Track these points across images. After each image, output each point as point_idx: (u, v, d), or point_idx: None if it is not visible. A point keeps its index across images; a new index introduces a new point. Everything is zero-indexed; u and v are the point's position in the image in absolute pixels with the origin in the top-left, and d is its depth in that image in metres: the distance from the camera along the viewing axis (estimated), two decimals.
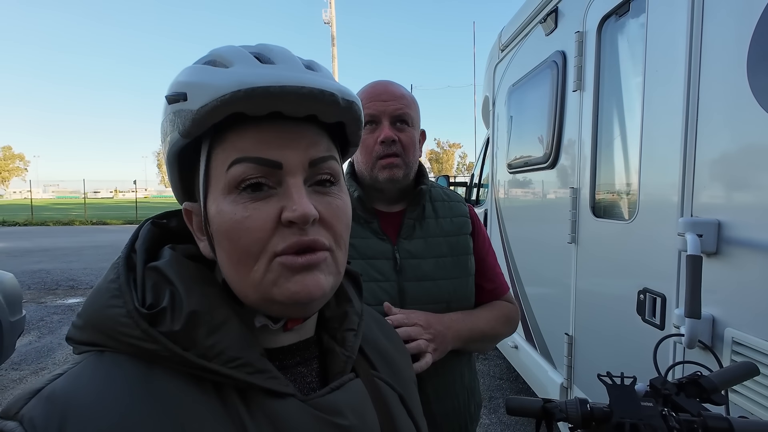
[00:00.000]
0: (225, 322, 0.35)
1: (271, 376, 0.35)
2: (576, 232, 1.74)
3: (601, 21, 1.57)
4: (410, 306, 0.82)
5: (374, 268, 0.82)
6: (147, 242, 0.39)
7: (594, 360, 1.66)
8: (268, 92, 0.32)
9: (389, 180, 0.83)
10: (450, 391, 0.84)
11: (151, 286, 0.35)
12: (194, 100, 0.32)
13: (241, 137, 0.34)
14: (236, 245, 0.34)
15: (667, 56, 1.20)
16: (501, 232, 2.79)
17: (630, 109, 1.47)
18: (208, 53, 0.37)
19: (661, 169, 1.24)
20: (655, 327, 1.22)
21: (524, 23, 2.32)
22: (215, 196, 0.35)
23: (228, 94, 0.31)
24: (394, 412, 0.42)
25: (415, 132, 0.87)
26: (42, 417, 0.28)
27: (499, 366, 3.42)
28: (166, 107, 0.36)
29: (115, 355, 0.33)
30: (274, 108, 0.33)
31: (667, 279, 1.18)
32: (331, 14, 18.33)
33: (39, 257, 8.41)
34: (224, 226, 0.34)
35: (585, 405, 0.65)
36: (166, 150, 0.37)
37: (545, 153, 2.04)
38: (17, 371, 3.20)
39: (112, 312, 0.33)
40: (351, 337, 0.43)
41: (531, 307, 2.31)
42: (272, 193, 0.35)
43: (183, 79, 0.34)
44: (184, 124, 0.33)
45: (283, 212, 0.34)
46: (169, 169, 0.39)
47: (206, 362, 0.33)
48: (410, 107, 0.86)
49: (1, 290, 2.60)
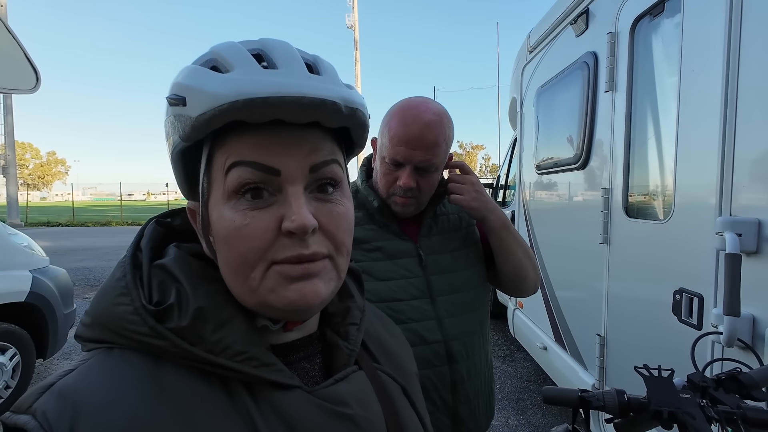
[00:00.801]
0: (231, 318, 0.35)
1: (276, 369, 0.35)
2: (608, 232, 1.73)
3: (635, 22, 1.57)
4: (438, 297, 0.88)
5: (401, 266, 0.88)
6: (152, 241, 0.39)
7: (627, 361, 1.65)
8: (266, 103, 0.31)
9: (401, 213, 0.90)
10: (478, 370, 0.91)
11: (158, 283, 0.35)
12: (193, 106, 0.32)
13: (240, 142, 0.33)
14: (234, 252, 0.34)
15: (704, 55, 1.20)
16: (529, 233, 2.78)
17: (664, 109, 1.46)
18: (209, 51, 0.36)
19: (697, 168, 1.23)
20: (692, 327, 1.22)
21: (553, 25, 2.32)
22: (216, 200, 0.35)
23: (226, 105, 0.30)
24: (397, 403, 0.43)
25: (436, 176, 0.88)
26: (54, 411, 0.29)
27: (527, 368, 3.38)
28: (168, 108, 0.35)
29: (124, 352, 0.33)
30: (274, 116, 0.32)
31: (705, 279, 1.17)
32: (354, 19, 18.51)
33: (81, 256, 8.91)
34: (223, 233, 0.34)
35: (622, 395, 0.67)
36: (170, 150, 0.37)
37: (575, 154, 2.03)
38: (68, 360, 3.43)
39: (120, 309, 0.33)
40: (354, 331, 0.43)
41: (561, 308, 2.30)
42: (272, 201, 0.34)
43: (182, 82, 0.33)
44: (184, 129, 0.33)
45: (282, 222, 0.33)
46: (174, 168, 0.38)
47: (213, 357, 0.33)
48: (440, 154, 0.85)
49: (57, 285, 2.81)
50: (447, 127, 0.86)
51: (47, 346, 2.74)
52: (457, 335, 0.87)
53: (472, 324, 0.90)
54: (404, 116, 0.84)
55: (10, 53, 2.34)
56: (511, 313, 3.33)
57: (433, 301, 0.87)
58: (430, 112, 0.84)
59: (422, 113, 0.84)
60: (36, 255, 2.79)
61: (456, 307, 0.88)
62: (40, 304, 2.65)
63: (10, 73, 2.33)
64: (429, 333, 0.84)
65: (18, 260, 2.61)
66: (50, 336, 2.73)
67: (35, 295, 2.61)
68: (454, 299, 0.89)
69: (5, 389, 2.50)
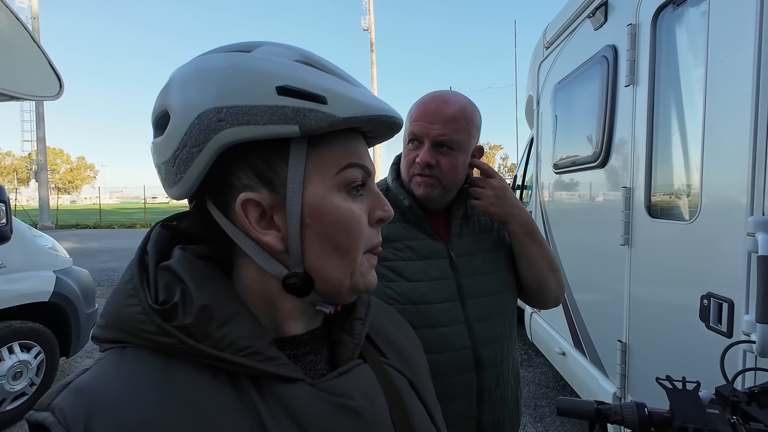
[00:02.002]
0: (235, 314, 0.37)
1: (280, 362, 0.36)
2: (630, 233, 1.66)
3: (656, 12, 1.49)
4: (468, 300, 0.84)
5: (433, 267, 0.84)
6: (157, 244, 0.41)
7: (651, 368, 1.57)
8: (394, 122, 0.40)
9: (423, 195, 0.85)
10: (505, 379, 0.87)
11: (164, 284, 0.37)
12: (338, 108, 0.36)
13: (349, 145, 0.39)
14: (350, 238, 0.39)
15: (734, 45, 1.12)
16: (546, 234, 2.70)
17: (690, 103, 1.38)
18: (295, 52, 0.38)
19: (726, 165, 1.16)
20: (721, 334, 1.14)
21: (570, 19, 2.24)
22: (323, 191, 0.38)
23: (376, 116, 0.38)
24: (404, 396, 0.44)
25: (458, 156, 0.83)
26: (71, 407, 0.31)
27: (545, 374, 3.29)
28: (269, 96, 0.34)
29: (137, 350, 0.35)
30: (374, 129, 0.41)
31: (735, 283, 1.10)
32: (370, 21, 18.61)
33: (107, 257, 9.23)
34: (345, 220, 0.39)
35: (643, 409, 0.62)
36: (243, 136, 0.34)
37: (594, 152, 1.95)
38: (90, 359, 3.53)
39: (129, 310, 0.35)
40: (358, 326, 0.45)
41: (580, 312, 2.21)
42: (362, 196, 0.41)
43: (314, 82, 0.36)
44: (317, 124, 0.35)
45: (373, 212, 0.41)
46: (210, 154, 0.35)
47: (219, 352, 0.34)
48: (459, 131, 0.81)
49: (79, 285, 2.90)
50: (469, 110, 0.84)
51: (70, 345, 2.83)
52: (486, 341, 0.84)
53: (502, 329, 0.87)
54: (424, 98, 0.86)
55: (34, 61, 2.43)
56: (528, 316, 3.25)
57: (464, 304, 0.84)
58: (450, 94, 0.86)
59: (441, 93, 0.86)
60: (60, 256, 2.88)
61: (487, 311, 0.85)
62: (64, 303, 2.74)
63: (34, 80, 2.42)
64: (458, 338, 0.81)
65: (42, 261, 2.70)
66: (73, 335, 2.82)
67: (59, 295, 2.70)
68: (485, 303, 0.85)
69: (30, 386, 2.59)
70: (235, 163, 0.37)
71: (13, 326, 2.49)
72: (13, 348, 2.50)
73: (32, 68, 2.42)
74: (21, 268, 2.53)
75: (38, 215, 16.06)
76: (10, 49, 2.27)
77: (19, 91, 2.32)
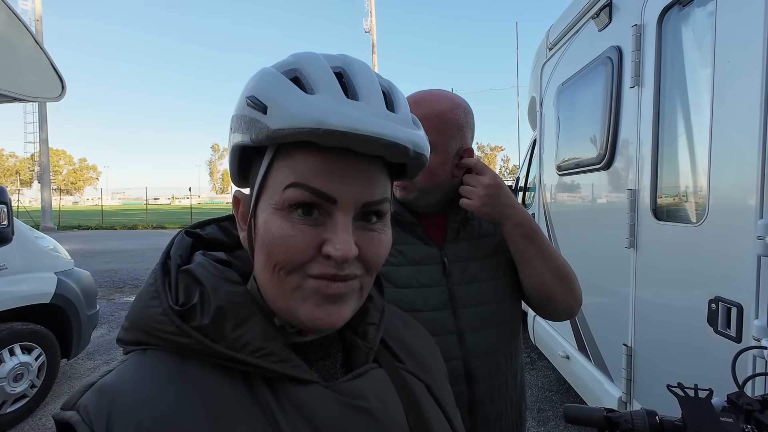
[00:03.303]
0: (250, 316, 0.37)
1: (294, 364, 0.37)
2: (635, 236, 1.64)
3: (662, 12, 1.48)
4: (461, 309, 0.81)
5: (423, 273, 0.81)
6: (180, 249, 0.42)
7: (657, 373, 1.55)
8: (344, 136, 0.32)
9: (401, 200, 0.83)
10: (503, 392, 0.83)
11: (184, 287, 0.38)
12: (273, 119, 0.33)
13: (305, 162, 0.35)
14: (275, 257, 0.36)
15: (742, 45, 1.11)
16: (550, 236, 2.68)
17: (696, 104, 1.37)
18: (293, 59, 0.37)
19: (734, 167, 1.14)
20: (730, 339, 1.12)
21: (574, 20, 2.23)
22: (266, 204, 0.37)
23: (306, 129, 0.32)
24: (420, 400, 0.43)
25: (433, 158, 0.78)
26: (94, 406, 0.32)
27: (548, 377, 3.26)
28: (244, 106, 0.35)
29: (157, 352, 0.36)
30: (346, 146, 0.34)
31: (744, 287, 1.08)
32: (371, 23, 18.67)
33: (108, 258, 9.23)
34: (269, 237, 0.36)
35: (653, 417, 0.60)
36: (233, 142, 0.39)
37: (599, 153, 1.94)
38: (91, 360, 3.52)
39: (151, 312, 0.36)
40: (372, 331, 0.44)
41: (584, 315, 2.19)
42: (321, 221, 0.36)
43: (266, 91, 0.34)
44: (258, 134, 0.34)
45: (325, 245, 0.35)
46: (231, 157, 0.41)
47: (234, 353, 0.35)
48: (429, 132, 0.74)
49: (80, 287, 2.89)
50: (446, 109, 0.78)
51: (71, 347, 2.82)
52: (479, 352, 0.80)
53: (498, 340, 0.82)
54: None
55: (36, 63, 2.43)
56: (531, 319, 3.23)
57: (455, 313, 0.80)
58: (428, 93, 0.79)
59: (417, 94, 0.80)
60: (61, 258, 2.88)
61: (481, 320, 0.81)
62: (65, 305, 2.73)
63: (36, 82, 2.43)
64: (447, 349, 0.77)
65: (44, 263, 2.70)
66: (74, 336, 2.81)
67: (60, 297, 2.69)
68: (480, 312, 0.81)
69: (31, 388, 2.58)
70: (249, 167, 0.41)
71: (14, 328, 2.48)
72: (14, 350, 2.49)
73: (34, 70, 2.42)
74: (22, 270, 2.52)
75: (41, 216, 16.11)
76: (12, 51, 2.27)
77: (21, 92, 2.32)
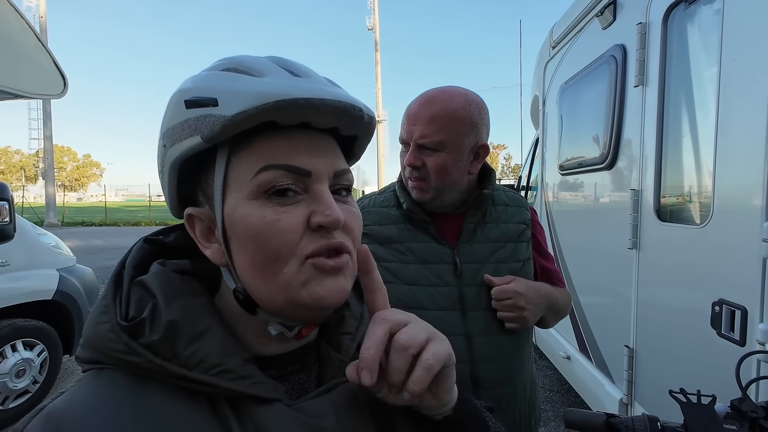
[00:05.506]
0: (207, 330, 0.35)
1: (254, 381, 0.34)
2: (638, 237, 1.62)
3: (668, 10, 1.46)
4: (471, 311, 0.80)
5: (433, 272, 0.80)
6: (137, 259, 0.39)
7: (659, 376, 1.53)
8: (309, 104, 0.32)
9: (418, 200, 0.84)
10: (512, 402, 0.81)
11: (136, 300, 0.35)
12: (228, 106, 0.32)
13: (269, 144, 0.34)
14: (265, 248, 0.33)
15: (749, 44, 1.09)
16: (551, 236, 2.67)
17: (701, 103, 1.35)
18: (225, 61, 0.37)
19: (740, 168, 1.13)
20: (734, 343, 1.11)
21: (578, 18, 2.21)
22: (237, 200, 0.35)
23: (271, 103, 0.31)
24: (395, 415, 0.40)
25: (446, 156, 0.79)
26: None
27: (549, 377, 3.25)
28: (182, 112, 0.34)
29: (112, 372, 0.33)
30: (306, 119, 0.34)
31: (749, 289, 1.07)
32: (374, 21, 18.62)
33: (111, 255, 9.26)
34: (253, 229, 0.34)
35: (655, 423, 0.60)
36: (175, 155, 0.36)
37: (602, 153, 1.92)
38: None
39: (101, 328, 0.34)
40: (347, 341, 0.42)
41: (585, 316, 2.18)
42: (299, 199, 0.35)
43: (210, 85, 0.34)
44: (212, 129, 0.33)
45: (312, 217, 0.34)
46: (169, 176, 0.37)
47: (187, 371, 0.32)
48: (442, 131, 0.77)
49: (82, 283, 2.89)
50: (459, 107, 0.78)
51: (73, 343, 2.83)
52: (486, 358, 0.78)
53: (509, 347, 0.81)
54: (415, 99, 0.83)
55: (39, 60, 2.43)
56: None
57: (465, 315, 0.79)
58: (439, 90, 0.81)
59: (430, 92, 0.82)
60: (63, 254, 2.88)
61: (491, 325, 0.79)
62: (67, 302, 2.74)
63: (39, 79, 2.42)
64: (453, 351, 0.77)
65: (46, 259, 2.70)
66: (76, 333, 2.82)
67: (62, 293, 2.70)
68: (491, 316, 0.79)
69: (33, 384, 2.59)
70: (196, 180, 0.38)
71: (16, 324, 2.49)
72: (17, 346, 2.50)
73: (37, 67, 2.42)
74: (24, 266, 2.53)
75: (45, 213, 16.21)
76: (15, 48, 2.27)
77: (23, 89, 2.32)
